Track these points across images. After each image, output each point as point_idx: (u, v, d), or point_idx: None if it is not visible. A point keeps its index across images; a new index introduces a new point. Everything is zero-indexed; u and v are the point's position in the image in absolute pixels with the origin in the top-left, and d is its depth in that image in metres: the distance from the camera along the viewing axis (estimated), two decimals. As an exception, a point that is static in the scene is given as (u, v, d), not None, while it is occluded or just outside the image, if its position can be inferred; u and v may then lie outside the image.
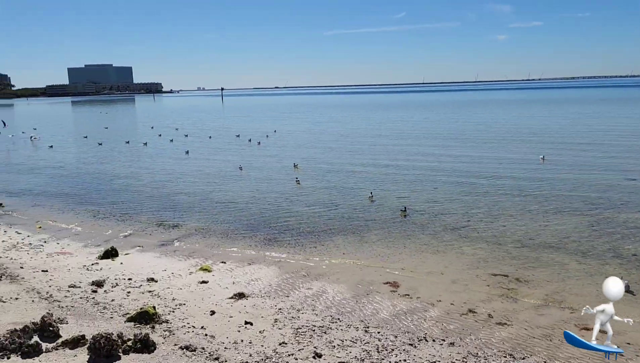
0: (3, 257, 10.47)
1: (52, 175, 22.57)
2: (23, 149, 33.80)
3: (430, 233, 12.23)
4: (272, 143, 32.87)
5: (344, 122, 49.94)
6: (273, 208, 15.26)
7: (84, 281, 8.94)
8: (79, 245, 11.79)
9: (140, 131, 46.80)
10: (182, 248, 11.57)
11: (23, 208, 16.13)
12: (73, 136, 44.19)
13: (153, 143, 34.64)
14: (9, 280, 8.82)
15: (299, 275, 9.53)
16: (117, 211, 15.40)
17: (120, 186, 19.43)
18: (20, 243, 11.73)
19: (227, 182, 19.75)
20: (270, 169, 22.53)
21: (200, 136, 38.61)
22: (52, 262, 10.24)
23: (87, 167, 24.81)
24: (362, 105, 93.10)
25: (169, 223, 13.86)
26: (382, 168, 21.61)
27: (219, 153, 28.74)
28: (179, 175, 21.62)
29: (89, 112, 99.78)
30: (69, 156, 29.86)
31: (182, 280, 9.19)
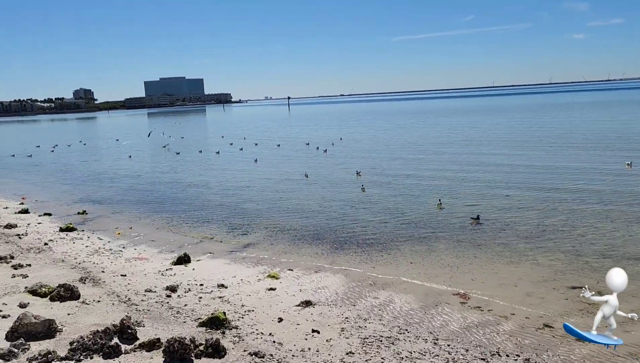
0: (87, 261, 11.14)
1: (131, 184, 23.81)
2: (105, 159, 35.90)
3: (502, 243, 11.78)
4: (338, 150, 33.00)
5: (411, 129, 49.24)
6: (339, 216, 15.29)
7: (159, 286, 9.33)
8: (154, 251, 12.34)
9: (212, 140, 48.52)
10: (250, 255, 11.82)
11: (104, 215, 17.11)
12: (151, 145, 46.48)
13: (224, 151, 35.73)
14: (92, 283, 9.36)
15: (366, 283, 9.46)
16: (189, 218, 16.00)
17: (192, 195, 20.19)
18: (102, 249, 12.43)
19: (294, 190, 20.02)
20: (336, 176, 22.62)
21: (268, 145, 39.44)
22: (130, 267, 10.77)
23: (163, 176, 25.97)
24: (429, 111, 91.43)
25: (238, 230, 14.22)
26: (450, 176, 21.10)
27: (287, 161, 29.21)
28: (248, 183, 22.18)
29: (164, 122, 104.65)
30: (146, 165, 31.41)
31: (250, 286, 9.38)
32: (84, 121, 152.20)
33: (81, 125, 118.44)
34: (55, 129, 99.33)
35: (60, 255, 11.60)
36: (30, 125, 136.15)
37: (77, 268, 10.51)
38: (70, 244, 12.81)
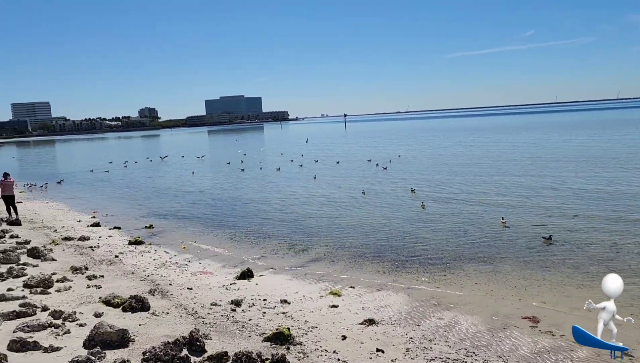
0: (155, 274, 11.56)
1: (194, 199, 24.57)
2: (169, 175, 37.26)
3: (572, 264, 11.24)
4: (396, 167, 32.76)
5: (471, 146, 48.10)
6: (399, 234, 15.12)
7: (224, 300, 9.52)
8: (218, 266, 12.64)
9: (271, 157, 49.38)
10: (312, 271, 11.88)
11: (170, 229, 17.72)
12: (213, 162, 47.90)
13: (285, 168, 36.26)
14: (161, 295, 9.68)
15: (429, 303, 9.27)
16: (251, 234, 16.30)
17: (253, 210, 20.58)
18: (169, 262, 12.86)
19: (353, 207, 20.00)
20: (395, 194, 22.44)
21: (327, 162, 39.69)
22: (195, 280, 11.07)
23: (224, 192, 26.65)
24: (490, 128, 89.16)
25: (299, 246, 14.34)
26: (515, 194, 20.43)
27: (345, 178, 29.27)
28: (307, 200, 22.37)
29: (224, 140, 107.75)
30: (208, 181, 32.35)
31: (313, 303, 9.41)
32: (148, 138, 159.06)
33: (146, 142, 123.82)
34: (122, 146, 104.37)
35: (130, 267, 12.09)
36: (99, 142, 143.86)
37: (146, 280, 10.91)
38: (139, 257, 13.34)
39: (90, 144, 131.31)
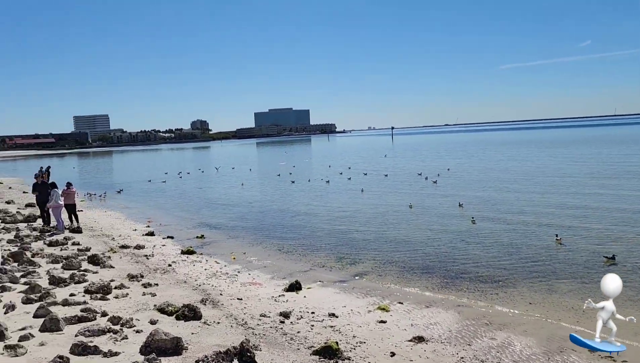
0: (206, 284, 11.83)
1: (243, 211, 25.02)
2: (219, 187, 38.12)
3: (636, 286, 10.71)
4: (445, 181, 32.27)
5: (524, 160, 46.71)
6: (449, 249, 14.87)
7: (273, 312, 9.64)
8: (267, 277, 12.81)
9: (319, 169, 49.70)
10: (359, 285, 11.85)
11: (220, 239, 18.11)
12: (262, 174, 48.69)
13: (333, 181, 36.39)
14: (212, 305, 9.90)
15: (481, 322, 9.05)
16: (299, 246, 16.44)
17: (301, 223, 20.75)
18: (219, 272, 13.13)
19: (400, 220, 19.83)
20: (443, 208, 22.09)
21: (375, 175, 39.56)
22: (245, 291, 11.26)
23: (273, 204, 27.01)
24: (544, 141, 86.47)
25: (346, 259, 14.34)
26: (572, 211, 19.68)
27: (393, 191, 29.08)
28: (355, 212, 22.35)
29: (272, 152, 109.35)
30: (257, 193, 32.89)
31: (361, 317, 9.38)
32: (199, 149, 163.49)
33: (197, 153, 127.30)
34: (175, 158, 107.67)
35: (182, 277, 12.43)
36: (153, 153, 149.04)
37: (198, 289, 11.19)
38: (190, 266, 13.69)
39: (145, 155, 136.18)
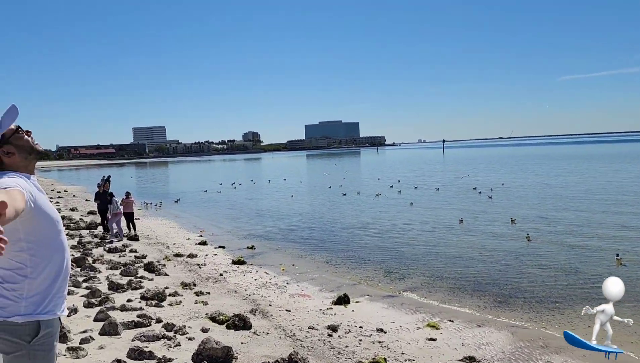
0: (256, 294, 12.02)
1: (293, 222, 25.27)
2: (269, 198, 38.68)
3: None
4: (499, 196, 31.44)
5: (585, 175, 44.71)
6: (502, 267, 14.46)
7: (321, 325, 9.66)
8: (315, 289, 12.86)
9: (368, 182, 49.57)
10: (408, 301, 11.71)
11: (270, 251, 18.36)
12: (313, 185, 49.07)
13: (383, 193, 36.22)
14: (261, 315, 10.04)
15: (536, 345, 8.74)
16: (347, 259, 16.43)
17: (350, 236, 20.74)
18: (268, 283, 13.31)
19: (451, 236, 19.47)
20: (496, 224, 21.51)
21: (426, 188, 39.06)
22: (294, 303, 11.35)
23: (322, 216, 27.14)
24: (606, 155, 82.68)
25: (395, 274, 14.21)
26: (633, 231, 18.72)
27: (443, 205, 28.59)
28: (404, 226, 22.14)
29: (322, 164, 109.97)
30: (306, 205, 33.14)
31: (409, 334, 9.26)
32: (250, 161, 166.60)
33: (248, 165, 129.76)
34: (227, 168, 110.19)
35: (233, 286, 12.68)
36: (206, 164, 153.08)
37: (248, 299, 11.38)
38: (241, 276, 13.94)
39: (199, 166, 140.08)
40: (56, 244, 2.73)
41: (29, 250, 2.62)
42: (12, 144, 2.75)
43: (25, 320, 2.60)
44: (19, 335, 2.59)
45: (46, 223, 2.68)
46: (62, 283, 2.76)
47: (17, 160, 2.76)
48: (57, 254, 2.73)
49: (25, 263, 2.62)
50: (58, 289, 2.73)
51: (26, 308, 2.61)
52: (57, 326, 2.74)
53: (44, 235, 2.67)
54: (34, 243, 2.62)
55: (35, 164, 2.89)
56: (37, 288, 2.64)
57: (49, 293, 2.67)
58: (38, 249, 2.64)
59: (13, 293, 2.60)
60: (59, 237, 2.77)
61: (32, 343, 2.60)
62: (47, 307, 2.66)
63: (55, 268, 2.71)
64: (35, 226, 2.62)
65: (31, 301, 2.62)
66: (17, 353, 2.59)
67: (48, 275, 2.67)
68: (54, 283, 2.70)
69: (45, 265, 2.66)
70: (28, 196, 2.51)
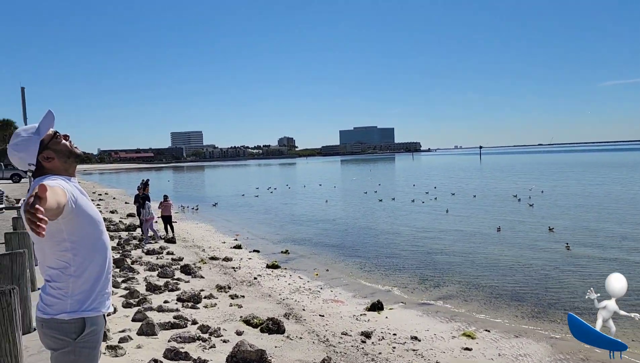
0: (289, 298, 12.08)
1: (326, 228, 25.29)
2: (304, 203, 38.83)
3: None
4: (538, 204, 30.66)
5: (631, 184, 43.03)
6: (540, 276, 14.09)
7: (354, 330, 9.63)
8: (348, 295, 12.83)
9: (403, 188, 49.17)
10: (443, 309, 11.54)
11: (303, 255, 18.42)
12: (347, 191, 49.02)
13: (419, 200, 35.88)
14: (294, 320, 10.08)
15: (576, 358, 8.48)
16: (381, 265, 16.33)
17: (384, 242, 20.61)
18: (302, 287, 13.35)
19: (487, 244, 19.09)
20: (535, 232, 20.98)
21: (463, 195, 38.43)
22: (327, 308, 11.36)
23: (356, 222, 27.06)
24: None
25: (430, 282, 14.03)
26: (681, 240, 17.94)
27: (480, 213, 28.07)
28: (439, 234, 21.85)
29: (357, 169, 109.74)
30: (341, 210, 33.10)
31: (444, 343, 9.13)
32: (285, 166, 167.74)
33: (283, 169, 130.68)
34: (262, 173, 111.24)
35: (267, 290, 12.78)
36: (242, 168, 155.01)
37: (281, 303, 11.45)
38: (275, 280, 14.04)
39: (234, 170, 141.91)
40: (98, 244, 2.83)
41: (72, 250, 2.72)
42: (51, 149, 2.86)
43: (71, 317, 2.70)
44: (65, 332, 2.69)
45: (88, 224, 2.77)
46: (105, 281, 2.85)
47: (57, 164, 2.87)
48: (99, 254, 2.83)
49: (69, 262, 2.72)
50: (101, 287, 2.82)
51: (72, 306, 2.71)
52: (101, 324, 2.84)
53: (86, 235, 2.76)
54: (76, 242, 2.72)
55: (76, 167, 2.99)
56: (81, 286, 2.74)
57: (93, 291, 2.77)
58: (81, 249, 2.73)
59: (59, 291, 2.71)
60: (101, 237, 2.86)
61: (77, 340, 2.70)
62: (92, 305, 2.76)
63: (98, 267, 2.81)
64: (78, 226, 2.71)
65: (76, 299, 2.72)
66: (63, 350, 2.69)
67: (91, 274, 2.77)
68: (97, 282, 2.79)
69: (88, 264, 2.76)
70: (69, 196, 2.61)
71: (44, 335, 2.73)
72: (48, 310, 2.73)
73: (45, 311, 2.73)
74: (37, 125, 2.86)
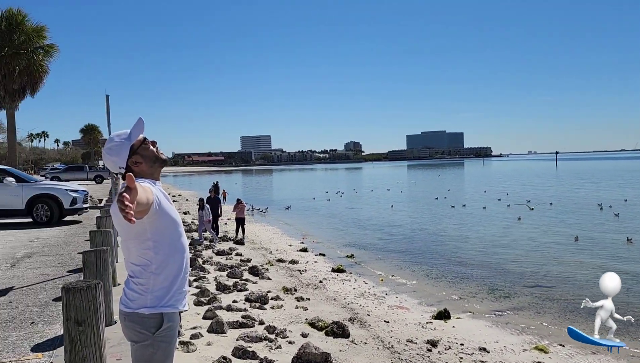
0: (354, 303, 12.08)
1: (392, 233, 25.07)
2: (369, 207, 38.70)
3: None
4: (621, 213, 28.80)
5: None
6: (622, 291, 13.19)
7: (420, 338, 9.49)
8: (414, 302, 12.65)
9: (473, 194, 47.82)
10: (514, 320, 11.11)
11: (369, 260, 18.35)
12: (414, 196, 48.38)
13: (490, 207, 34.78)
14: (359, 324, 10.07)
15: (661, 379, 7.89)
16: (448, 273, 15.97)
17: (451, 249, 20.14)
18: (367, 292, 13.31)
19: (564, 254, 18.19)
20: (615, 243, 19.72)
21: (538, 202, 36.76)
22: (392, 314, 11.26)
23: (422, 227, 26.64)
24: None
25: (500, 291, 13.56)
26: None
27: (557, 221, 26.78)
28: (511, 242, 21.06)
29: (425, 174, 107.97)
30: (406, 215, 32.70)
31: (515, 356, 8.79)
32: (351, 170, 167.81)
33: (349, 174, 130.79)
34: (329, 177, 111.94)
35: (332, 294, 12.85)
36: (309, 172, 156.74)
37: (346, 308, 11.47)
38: (340, 284, 14.09)
39: (301, 174, 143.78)
40: (178, 244, 3.00)
41: (154, 248, 2.90)
42: (139, 154, 3.07)
43: (151, 312, 2.88)
44: (145, 326, 2.88)
45: (169, 225, 2.95)
46: (182, 280, 3.02)
47: (144, 168, 3.08)
48: (179, 253, 3.00)
49: (151, 260, 2.91)
50: (179, 286, 2.99)
51: (151, 302, 2.90)
52: (177, 320, 3.00)
53: (168, 236, 2.94)
54: (158, 242, 2.90)
55: (160, 171, 3.18)
56: (160, 283, 2.91)
57: (171, 289, 2.94)
58: (162, 248, 2.91)
59: (141, 287, 2.90)
60: (180, 239, 3.03)
61: (156, 335, 2.88)
62: (169, 302, 2.93)
63: (177, 266, 2.97)
64: (160, 226, 2.90)
65: (155, 295, 2.90)
66: (143, 342, 2.89)
67: (170, 272, 2.94)
68: (175, 280, 2.96)
69: (168, 262, 2.93)
70: (155, 198, 2.79)
71: (126, 328, 2.93)
72: (130, 304, 2.93)
73: (127, 305, 2.93)
74: (128, 131, 3.08)
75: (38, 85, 31.75)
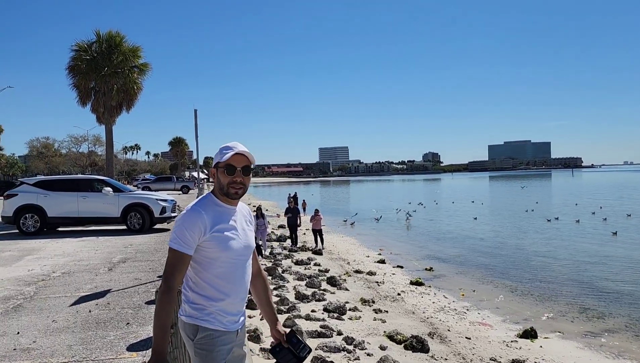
0: (433, 317, 11.81)
1: (474, 246, 24.25)
2: (450, 219, 37.70)
3: None
4: None
5: None
6: None
7: (504, 357, 9.10)
8: (497, 319, 12.15)
9: (563, 207, 45.21)
10: (609, 343, 10.36)
11: (448, 274, 17.87)
12: (497, 208, 46.60)
13: (583, 220, 32.74)
14: (439, 340, 9.84)
15: None
16: (534, 290, 15.19)
17: (538, 265, 19.15)
18: (447, 307, 12.97)
19: (666, 274, 16.70)
20: None
21: (638, 217, 34.09)
22: (474, 331, 10.88)
23: (506, 241, 25.57)
24: None
25: (592, 312, 12.69)
26: None
27: (655, 238, 24.69)
28: (604, 259, 19.68)
29: (508, 186, 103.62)
30: (489, 228, 31.51)
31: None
32: (429, 181, 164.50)
33: (427, 185, 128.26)
34: (407, 188, 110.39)
35: (410, 307, 12.64)
36: (386, 183, 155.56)
37: (425, 322, 11.25)
38: (419, 298, 13.84)
39: (379, 185, 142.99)
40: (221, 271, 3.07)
41: (193, 269, 3.08)
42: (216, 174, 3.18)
43: (188, 321, 3.09)
44: (186, 331, 3.10)
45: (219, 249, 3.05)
46: (227, 305, 3.07)
47: (216, 186, 3.22)
48: (220, 279, 3.07)
49: (189, 276, 3.11)
50: (221, 309, 3.06)
51: (189, 312, 3.09)
52: (218, 336, 3.05)
53: (212, 259, 3.05)
54: (197, 262, 3.05)
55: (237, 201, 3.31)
56: (196, 299, 3.07)
57: (207, 308, 3.05)
58: (200, 269, 3.06)
59: (184, 296, 3.15)
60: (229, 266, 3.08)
61: (194, 341, 3.05)
62: (206, 317, 3.04)
63: (215, 291, 3.06)
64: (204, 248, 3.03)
65: (192, 307, 3.08)
66: (188, 344, 3.12)
67: (206, 292, 3.05)
68: (213, 301, 3.05)
69: (204, 286, 3.05)
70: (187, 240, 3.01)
71: (180, 328, 3.19)
72: (180, 310, 3.19)
73: (180, 310, 3.19)
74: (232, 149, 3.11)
75: (133, 101, 34.15)
